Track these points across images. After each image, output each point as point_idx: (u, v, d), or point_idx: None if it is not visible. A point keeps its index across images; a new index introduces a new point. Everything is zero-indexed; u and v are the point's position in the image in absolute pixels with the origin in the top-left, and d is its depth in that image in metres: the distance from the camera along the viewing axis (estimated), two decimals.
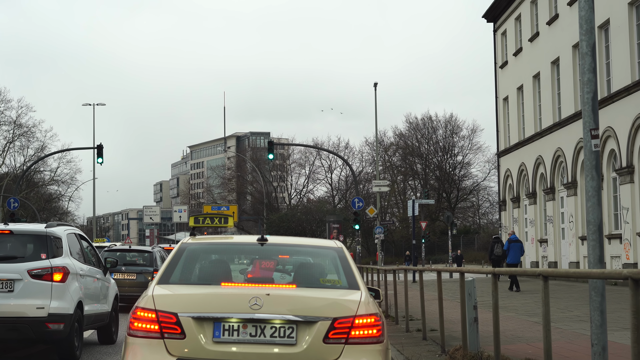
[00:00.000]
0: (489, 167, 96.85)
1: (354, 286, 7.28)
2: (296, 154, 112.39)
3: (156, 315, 6.68)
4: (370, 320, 6.75)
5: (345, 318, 6.69)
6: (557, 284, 31.82)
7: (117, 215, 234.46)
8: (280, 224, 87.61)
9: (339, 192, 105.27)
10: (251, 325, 6.64)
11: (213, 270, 7.79)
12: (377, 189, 49.08)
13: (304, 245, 8.62)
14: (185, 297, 6.94)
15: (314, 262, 8.12)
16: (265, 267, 8.04)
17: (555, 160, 36.67)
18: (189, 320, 6.63)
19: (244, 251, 8.43)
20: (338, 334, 6.65)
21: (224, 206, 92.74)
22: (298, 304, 6.76)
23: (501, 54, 46.09)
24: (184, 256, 7.72)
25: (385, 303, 19.69)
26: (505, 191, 45.85)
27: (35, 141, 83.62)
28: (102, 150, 45.65)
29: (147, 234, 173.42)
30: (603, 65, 31.22)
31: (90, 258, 14.22)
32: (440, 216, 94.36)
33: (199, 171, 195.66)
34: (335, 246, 8.10)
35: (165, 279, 7.31)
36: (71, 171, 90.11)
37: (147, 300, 6.82)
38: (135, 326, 6.76)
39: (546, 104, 38.11)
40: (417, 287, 16.36)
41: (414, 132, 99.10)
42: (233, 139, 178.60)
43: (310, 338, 6.61)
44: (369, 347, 6.70)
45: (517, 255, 30.09)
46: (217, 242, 8.78)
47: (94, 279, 13.87)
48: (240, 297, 6.78)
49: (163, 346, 6.63)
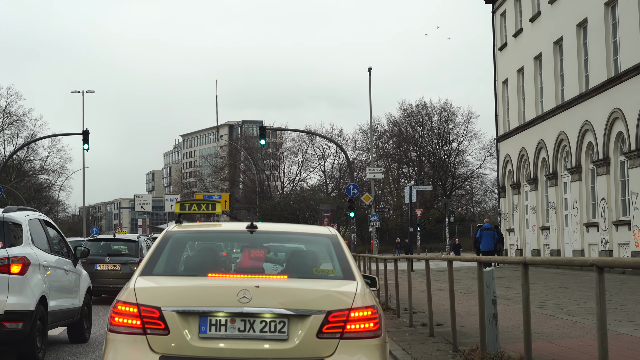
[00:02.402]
0: (484, 154, 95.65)
1: (349, 276, 6.73)
2: (289, 142, 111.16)
3: (138, 310, 6.18)
4: (367, 313, 6.25)
5: (340, 311, 6.18)
6: (561, 273, 30.48)
7: (109, 204, 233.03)
8: (273, 212, 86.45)
9: (332, 180, 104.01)
10: (240, 319, 6.14)
11: (199, 260, 7.33)
12: (372, 175, 47.60)
13: (297, 233, 7.85)
14: (169, 290, 6.45)
15: (307, 251, 7.52)
16: (255, 256, 7.35)
17: (558, 144, 35.26)
18: (173, 315, 6.13)
19: (233, 239, 7.92)
20: (332, 328, 6.14)
21: (215, 195, 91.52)
22: (290, 297, 6.25)
23: (500, 35, 44.59)
24: (169, 245, 7.14)
25: (385, 295, 18.27)
26: (504, 177, 44.44)
27: (25, 130, 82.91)
28: (88, 136, 44.21)
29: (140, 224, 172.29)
30: (610, 44, 29.81)
31: (57, 247, 12.82)
32: (435, 204, 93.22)
33: (192, 160, 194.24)
34: (330, 233, 7.49)
35: (149, 270, 6.78)
36: (61, 160, 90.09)
37: (129, 294, 6.31)
38: (115, 321, 6.26)
39: (548, 86, 36.68)
40: (417, 276, 15.01)
41: (408, 119, 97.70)
42: (225, 127, 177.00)
43: (303, 333, 6.12)
44: (366, 342, 6.19)
45: (489, 243, 31.48)
46: (204, 230, 8.18)
47: (61, 270, 12.45)
48: (228, 289, 6.27)
49: (146, 343, 6.13)
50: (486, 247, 31.83)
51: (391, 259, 18.49)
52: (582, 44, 32.66)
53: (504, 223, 44.59)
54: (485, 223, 32.67)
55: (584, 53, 32.54)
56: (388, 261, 18.94)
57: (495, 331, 9.45)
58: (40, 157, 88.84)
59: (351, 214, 42.91)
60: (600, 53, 30.25)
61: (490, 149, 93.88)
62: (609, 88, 29.51)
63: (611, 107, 29.20)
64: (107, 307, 16.68)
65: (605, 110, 29.69)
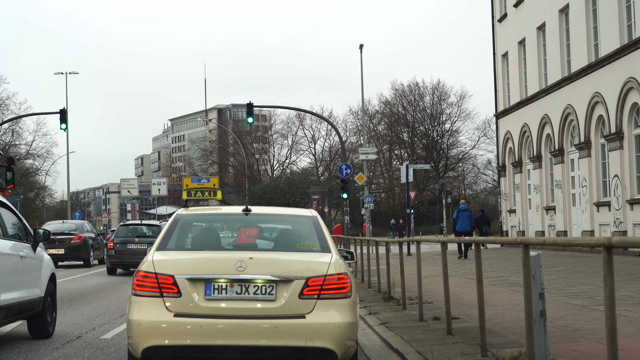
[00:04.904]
0: (478, 134, 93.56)
1: (325, 249, 8.16)
2: (278, 124, 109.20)
3: (156, 278, 7.53)
4: (338, 278, 7.59)
5: (317, 277, 7.53)
6: (570, 255, 28.44)
7: (97, 190, 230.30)
8: (262, 195, 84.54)
9: (322, 162, 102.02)
10: (237, 284, 7.50)
11: (204, 237, 8.69)
12: (364, 156, 45.38)
13: (283, 215, 9.47)
14: (180, 262, 7.83)
15: (292, 229, 8.86)
16: (249, 234, 8.89)
17: (565, 118, 33.09)
18: (184, 281, 7.48)
19: (231, 220, 9.46)
20: (311, 291, 7.49)
21: (204, 178, 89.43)
22: (277, 266, 7.64)
23: (500, 5, 42.32)
24: (179, 225, 8.58)
25: (387, 282, 16.10)
26: (504, 155, 42.30)
27: (10, 114, 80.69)
28: (65, 115, 41.88)
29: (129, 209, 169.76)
30: (623, 9, 27.63)
31: (13, 231, 11.16)
32: (428, 186, 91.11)
33: (181, 144, 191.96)
34: (311, 215, 8.99)
35: (163, 246, 8.19)
36: (47, 144, 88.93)
37: (148, 265, 7.68)
38: (138, 287, 7.59)
39: (553, 58, 34.48)
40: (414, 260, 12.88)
41: (399, 99, 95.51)
42: (214, 111, 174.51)
43: (288, 294, 7.47)
44: (338, 302, 7.54)
45: (466, 224, 31.35)
46: (207, 213, 9.77)
47: (16, 257, 10.81)
48: (227, 260, 7.67)
49: (162, 303, 7.47)
50: (462, 228, 31.45)
51: (395, 243, 16.31)
52: (591, 10, 30.45)
53: (504, 204, 42.47)
54: (462, 204, 32.46)
55: (593, 20, 30.34)
56: (392, 244, 16.73)
57: (543, 333, 7.32)
58: (25, 141, 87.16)
59: (344, 195, 40.66)
60: (612, 19, 28.07)
61: (485, 129, 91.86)
62: (622, 56, 27.36)
63: (625, 76, 27.05)
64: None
65: (618, 81, 27.54)
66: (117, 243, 28.07)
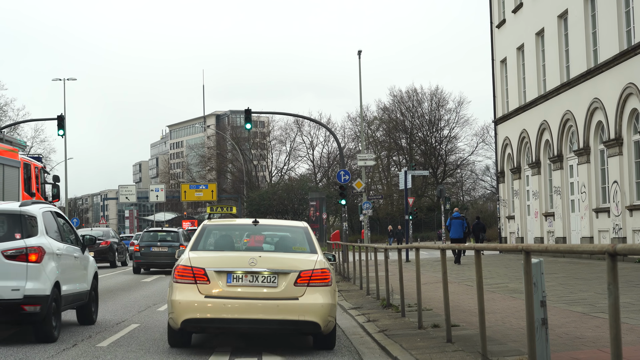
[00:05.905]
0: (476, 140, 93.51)
1: (314, 251, 11.24)
2: (276, 131, 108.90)
3: (191, 270, 10.51)
4: (322, 272, 10.61)
5: (307, 271, 10.56)
6: (570, 262, 28.29)
7: (95, 196, 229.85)
8: (260, 202, 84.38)
9: (321, 168, 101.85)
10: (250, 275, 10.48)
11: (224, 241, 11.76)
12: (363, 162, 45.09)
13: (282, 226, 13.17)
14: (209, 258, 10.82)
15: (289, 236, 12.05)
16: (257, 239, 12.03)
17: (564, 124, 32.98)
18: (212, 272, 10.49)
19: (244, 229, 12.31)
20: (303, 280, 10.49)
21: (202, 185, 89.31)
22: (278, 262, 10.69)
23: (498, 11, 42.24)
24: (205, 232, 11.66)
25: (386, 290, 15.95)
26: (503, 161, 42.19)
27: (8, 120, 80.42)
28: (63, 121, 41.91)
29: (127, 215, 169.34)
30: (622, 14, 27.54)
31: (67, 236, 13.70)
32: (426, 192, 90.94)
33: (179, 151, 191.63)
34: (302, 226, 12.13)
35: (195, 247, 11.25)
36: (45, 151, 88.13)
37: (185, 261, 10.68)
38: (178, 276, 10.55)
39: (552, 64, 34.39)
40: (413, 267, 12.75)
41: (398, 105, 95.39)
42: (212, 117, 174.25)
43: (286, 283, 10.47)
44: (322, 289, 10.53)
45: (459, 231, 32.22)
46: (226, 224, 13.48)
47: (72, 257, 13.37)
48: (242, 258, 10.75)
49: (196, 288, 10.43)
50: (455, 235, 32.39)
51: (394, 249, 16.18)
52: (590, 15, 30.37)
53: (503, 210, 42.35)
54: (455, 212, 33.32)
55: (592, 25, 30.25)
56: (391, 251, 16.59)
57: (545, 342, 7.19)
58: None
59: (342, 201, 40.52)
60: (611, 25, 27.97)
61: (483, 135, 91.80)
62: (621, 62, 27.26)
63: (624, 82, 26.95)
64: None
65: (618, 86, 27.43)
66: (142, 247, 32.96)
